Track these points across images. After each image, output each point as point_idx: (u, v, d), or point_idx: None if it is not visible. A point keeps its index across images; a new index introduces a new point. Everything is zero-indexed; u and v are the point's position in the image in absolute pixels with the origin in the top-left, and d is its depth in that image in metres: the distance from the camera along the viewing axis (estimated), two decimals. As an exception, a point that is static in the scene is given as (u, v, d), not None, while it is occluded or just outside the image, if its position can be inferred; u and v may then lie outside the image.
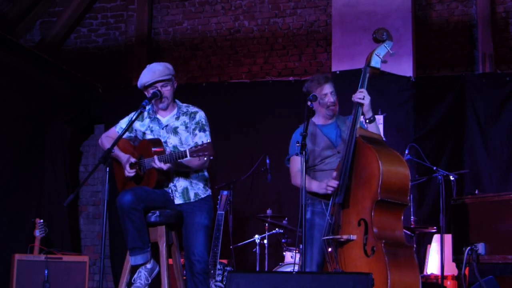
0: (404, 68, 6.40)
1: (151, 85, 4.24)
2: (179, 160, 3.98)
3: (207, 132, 4.25)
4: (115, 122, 4.54)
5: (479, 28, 6.89)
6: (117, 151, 4.24)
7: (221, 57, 7.69)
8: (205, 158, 3.86)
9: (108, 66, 7.97)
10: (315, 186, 4.04)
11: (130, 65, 7.84)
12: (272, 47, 7.55)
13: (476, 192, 5.13)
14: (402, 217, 3.87)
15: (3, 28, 7.22)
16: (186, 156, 3.87)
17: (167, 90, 4.24)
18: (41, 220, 6.14)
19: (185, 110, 4.32)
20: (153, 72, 4.23)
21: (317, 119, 4.27)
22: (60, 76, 7.34)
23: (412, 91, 6.47)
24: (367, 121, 4.04)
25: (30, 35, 8.20)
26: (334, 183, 3.90)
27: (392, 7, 6.61)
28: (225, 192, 5.78)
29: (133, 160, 4.15)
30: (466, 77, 6.62)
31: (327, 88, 4.19)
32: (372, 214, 3.70)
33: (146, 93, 4.31)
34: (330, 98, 4.18)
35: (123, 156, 4.21)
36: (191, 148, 3.86)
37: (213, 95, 7.09)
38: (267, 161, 6.03)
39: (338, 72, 6.60)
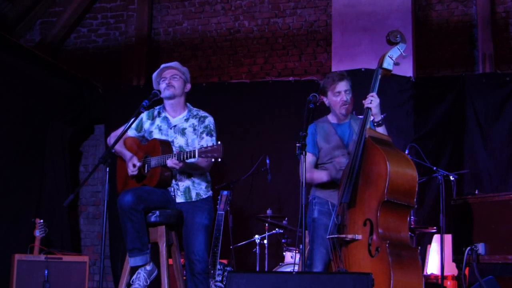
0: (404, 68, 6.39)
1: (161, 73, 4.28)
2: (187, 161, 3.99)
3: (214, 138, 4.27)
4: (115, 122, 4.55)
5: (479, 28, 6.89)
6: (122, 149, 4.26)
7: (221, 57, 7.69)
8: (213, 160, 3.86)
9: (108, 66, 7.97)
10: (324, 174, 4.06)
11: (130, 65, 7.84)
12: (272, 47, 7.55)
13: (476, 192, 5.13)
14: (408, 219, 3.87)
15: (3, 28, 7.22)
16: (194, 156, 3.88)
17: (176, 81, 4.26)
18: (41, 220, 6.14)
19: (195, 113, 4.35)
20: (165, 64, 4.33)
21: (332, 118, 4.28)
22: (60, 76, 7.34)
23: (412, 91, 6.47)
24: (375, 124, 4.05)
25: (30, 35, 8.20)
26: (342, 159, 3.96)
27: (392, 7, 6.61)
28: (225, 192, 5.78)
29: (136, 162, 4.16)
30: (466, 77, 6.62)
31: (341, 86, 4.19)
32: (378, 214, 3.70)
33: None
34: (343, 97, 4.17)
35: (128, 154, 4.24)
36: (201, 148, 3.87)
37: (213, 95, 7.08)
38: (267, 161, 6.03)
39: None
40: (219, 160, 3.84)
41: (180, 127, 4.28)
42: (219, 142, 3.87)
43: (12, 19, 7.78)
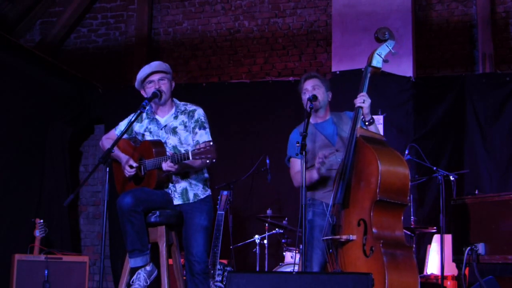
0: (404, 68, 6.40)
1: (148, 77, 4.26)
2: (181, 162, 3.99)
3: (207, 130, 4.25)
4: (115, 122, 4.54)
5: (479, 28, 6.89)
6: (117, 152, 4.25)
7: (221, 57, 7.69)
8: (207, 161, 3.86)
9: (108, 66, 7.97)
10: (313, 173, 4.01)
11: (130, 65, 7.84)
12: (272, 47, 7.55)
13: (476, 192, 5.13)
14: (402, 217, 3.86)
15: (3, 28, 7.22)
16: (188, 158, 3.87)
17: (164, 84, 4.24)
18: (41, 220, 6.14)
19: (183, 108, 4.31)
20: (150, 66, 4.31)
21: (313, 119, 4.28)
22: (60, 76, 7.34)
23: (412, 91, 6.47)
24: (367, 123, 4.05)
25: (30, 35, 8.20)
26: (324, 153, 3.92)
27: (392, 7, 6.61)
28: (225, 192, 5.78)
29: (133, 163, 4.16)
30: (466, 77, 6.62)
31: (307, 84, 4.24)
32: (371, 214, 3.69)
33: (143, 93, 4.32)
34: (309, 94, 4.18)
35: (123, 157, 4.22)
36: (194, 150, 3.85)
37: (213, 95, 7.09)
38: (267, 161, 6.03)
39: (338, 72, 6.60)
40: (214, 161, 3.83)
41: (171, 126, 4.25)
42: (211, 143, 3.85)
43: (12, 19, 7.78)
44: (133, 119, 4.16)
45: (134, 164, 4.14)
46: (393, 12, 6.60)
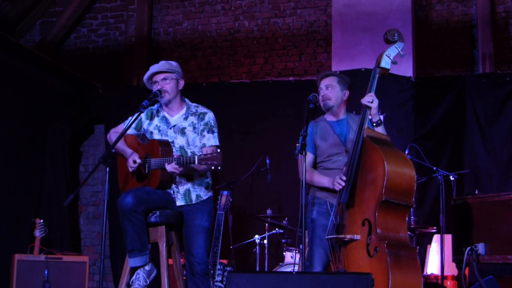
0: (404, 68, 6.39)
1: (151, 77, 4.28)
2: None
3: (215, 134, 4.25)
4: (115, 122, 4.54)
5: (479, 28, 6.89)
6: (123, 146, 4.25)
7: (221, 57, 7.69)
8: (213, 168, 3.86)
9: (108, 66, 7.97)
10: (326, 181, 4.05)
11: (130, 65, 7.84)
12: (272, 47, 7.55)
13: (476, 192, 5.13)
14: (407, 219, 3.87)
15: (3, 28, 7.22)
16: (194, 163, 3.89)
17: (167, 84, 4.24)
18: (41, 220, 6.14)
19: (194, 110, 4.31)
20: (153, 66, 4.32)
21: (328, 116, 4.31)
22: (60, 76, 7.35)
23: (412, 91, 6.47)
24: (374, 124, 4.06)
25: (30, 35, 8.20)
26: (342, 181, 3.91)
27: (392, 7, 6.61)
28: (225, 192, 5.78)
29: (137, 158, 4.15)
30: (466, 77, 6.62)
31: (322, 83, 4.26)
32: (376, 214, 3.70)
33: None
34: (323, 92, 4.22)
35: (129, 151, 4.22)
36: (200, 155, 3.87)
37: (213, 95, 7.08)
38: (267, 161, 6.03)
39: (338, 72, 6.59)
40: (219, 168, 3.84)
41: (180, 126, 4.26)
42: (218, 150, 3.88)
43: (12, 19, 7.78)
44: (133, 119, 4.16)
45: (138, 160, 4.15)
46: (393, 12, 6.60)
